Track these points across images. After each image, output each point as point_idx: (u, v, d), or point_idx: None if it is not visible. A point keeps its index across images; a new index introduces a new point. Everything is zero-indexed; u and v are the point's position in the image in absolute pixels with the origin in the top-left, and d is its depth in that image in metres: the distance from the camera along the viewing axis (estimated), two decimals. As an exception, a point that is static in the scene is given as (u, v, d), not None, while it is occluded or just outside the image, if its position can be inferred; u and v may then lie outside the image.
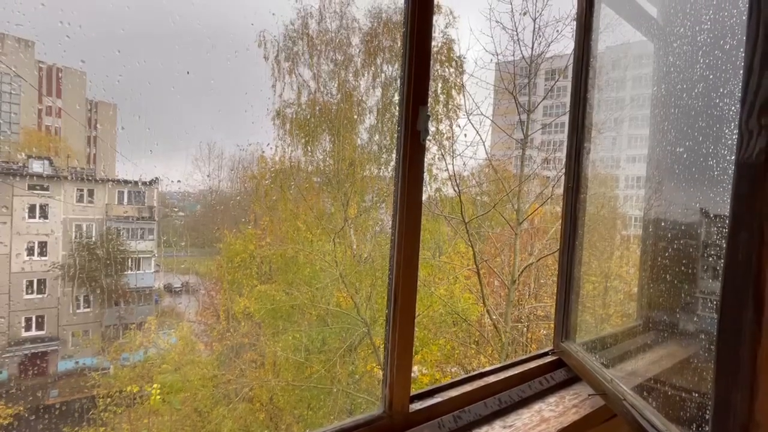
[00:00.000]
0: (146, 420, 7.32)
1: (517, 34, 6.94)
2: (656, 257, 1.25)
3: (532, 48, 7.02)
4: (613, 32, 1.62)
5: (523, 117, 6.99)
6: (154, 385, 7.07)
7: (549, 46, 7.02)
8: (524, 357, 1.53)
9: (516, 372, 1.42)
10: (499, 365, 1.44)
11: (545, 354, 1.60)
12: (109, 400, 7.46)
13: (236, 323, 8.08)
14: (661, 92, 1.26)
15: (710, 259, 0.99)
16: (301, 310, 7.27)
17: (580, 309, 1.83)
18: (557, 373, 1.51)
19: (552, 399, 1.38)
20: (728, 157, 0.85)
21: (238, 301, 7.77)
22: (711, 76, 0.96)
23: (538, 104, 7.41)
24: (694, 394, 1.01)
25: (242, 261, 8.07)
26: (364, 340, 7.25)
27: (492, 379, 1.35)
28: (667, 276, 1.17)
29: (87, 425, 7.45)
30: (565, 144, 1.67)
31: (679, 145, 1.09)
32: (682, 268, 1.10)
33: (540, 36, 6.97)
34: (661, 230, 1.23)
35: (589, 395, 1.38)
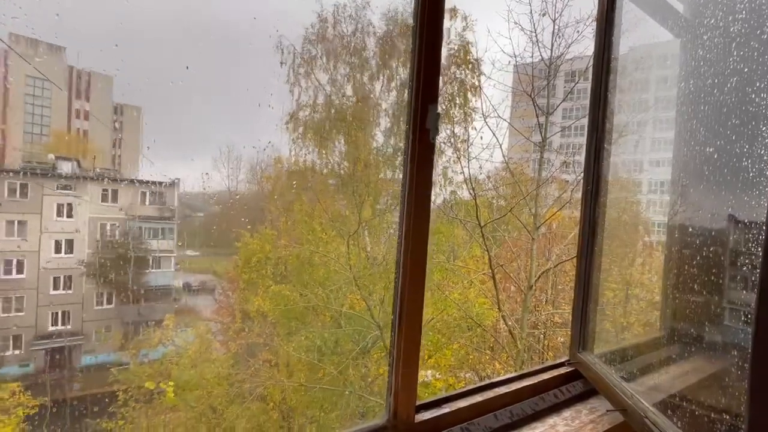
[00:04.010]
0: (163, 416, 7.45)
1: (536, 36, 6.81)
2: (683, 265, 1.17)
3: (552, 49, 6.87)
4: (636, 30, 1.53)
5: (542, 120, 6.84)
6: (170, 383, 7.19)
7: (569, 47, 6.86)
8: (538, 367, 1.46)
9: (529, 383, 1.36)
10: (511, 375, 1.38)
11: (560, 365, 1.52)
12: (128, 395, 7.64)
13: (251, 323, 8.16)
14: (688, 89, 1.18)
15: (744, 268, 0.91)
16: (314, 311, 7.29)
17: (600, 318, 1.74)
18: (573, 385, 1.44)
19: (567, 413, 1.30)
20: (765, 157, 0.78)
21: (253, 301, 7.85)
22: (746, 69, 0.88)
23: (557, 106, 7.24)
24: (724, 414, 0.93)
25: (258, 261, 8.15)
26: (378, 343, 7.21)
27: (503, 389, 1.29)
28: (695, 285, 1.09)
29: (108, 419, 7.64)
30: (584, 146, 1.60)
31: (709, 145, 1.01)
32: (712, 278, 1.02)
33: (560, 37, 6.81)
34: (688, 236, 1.15)
35: (607, 411, 1.30)
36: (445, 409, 1.14)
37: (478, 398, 1.22)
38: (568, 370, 1.49)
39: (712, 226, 1.01)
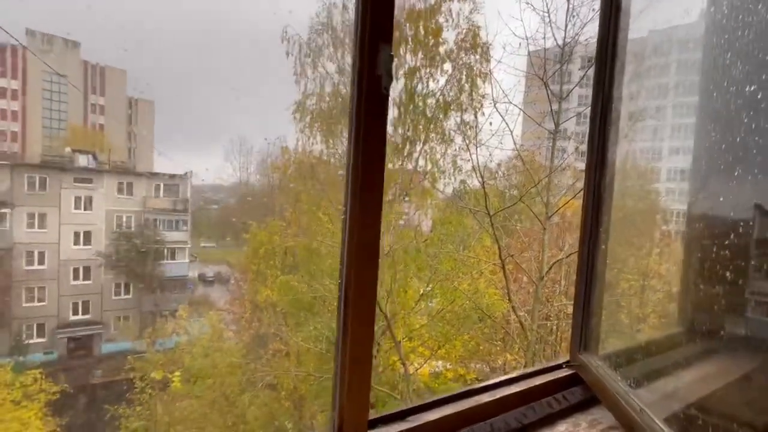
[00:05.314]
0: (177, 403, 7.56)
1: (549, 15, 6.40)
2: (707, 249, 0.93)
3: (565, 30, 6.44)
4: (656, 10, 1.33)
5: (555, 106, 6.48)
6: (176, 374, 7.27)
7: (584, 27, 6.41)
8: (532, 370, 1.24)
9: (518, 389, 1.14)
10: (497, 380, 1.17)
11: (557, 367, 1.29)
12: (144, 383, 7.78)
13: (260, 313, 8.18)
14: (720, 13, 0.91)
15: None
16: (322, 301, 7.24)
17: (614, 309, 1.53)
18: (571, 392, 1.21)
19: (562, 427, 1.09)
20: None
21: (262, 292, 7.86)
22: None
23: (571, 90, 6.85)
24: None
25: (267, 252, 8.14)
26: (386, 334, 7.13)
27: (485, 397, 1.08)
28: (720, 270, 0.86)
29: (126, 405, 7.79)
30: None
31: (750, 83, 0.76)
32: (741, 263, 0.79)
33: (574, 16, 6.39)
34: (712, 212, 0.91)
35: (609, 427, 1.08)
36: (408, 424, 0.94)
37: (451, 409, 1.01)
38: (566, 374, 1.27)
39: (750, 195, 0.77)
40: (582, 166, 7.77)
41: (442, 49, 7.62)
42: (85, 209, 11.54)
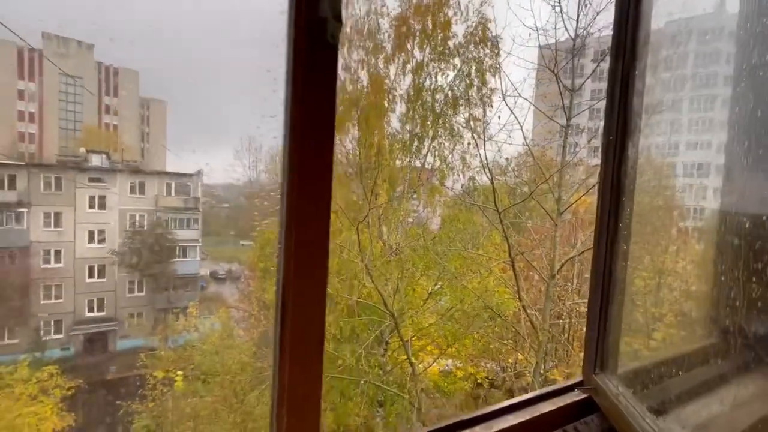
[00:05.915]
0: (189, 399, 7.61)
1: (560, 5, 6.13)
2: (745, 243, 0.76)
3: (577, 19, 6.15)
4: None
5: (566, 101, 6.21)
6: (178, 372, 7.29)
7: (596, 16, 6.11)
8: (537, 393, 1.06)
9: (521, 420, 0.95)
10: (496, 407, 0.98)
11: (569, 389, 1.10)
12: (156, 379, 7.87)
13: (267, 311, 8.18)
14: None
15: None
16: (328, 299, 7.21)
17: (630, 308, 1.36)
18: (586, 422, 1.01)
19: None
20: None
21: (269, 290, 7.84)
22: None
23: (583, 83, 6.59)
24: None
25: (274, 249, 8.12)
26: (394, 333, 7.05)
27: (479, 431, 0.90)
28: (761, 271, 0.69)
29: (139, 401, 7.89)
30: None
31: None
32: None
33: (587, 5, 6.09)
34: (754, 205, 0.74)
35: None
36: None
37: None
38: (579, 398, 1.08)
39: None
40: (595, 161, 7.51)
41: (450, 43, 7.43)
42: (99, 208, 11.75)
